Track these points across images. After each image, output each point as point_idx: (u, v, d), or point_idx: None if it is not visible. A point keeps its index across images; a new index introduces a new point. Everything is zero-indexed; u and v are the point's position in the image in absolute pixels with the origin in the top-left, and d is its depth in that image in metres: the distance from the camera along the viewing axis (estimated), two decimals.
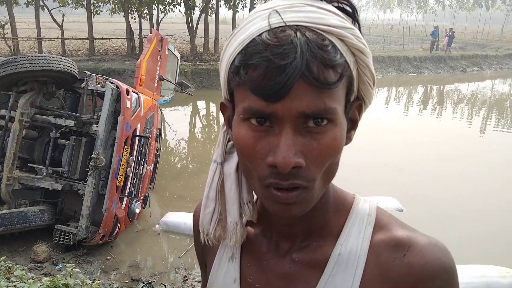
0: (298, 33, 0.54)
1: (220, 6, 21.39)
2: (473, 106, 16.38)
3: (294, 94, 0.54)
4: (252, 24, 0.59)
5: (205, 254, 0.84)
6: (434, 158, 9.12)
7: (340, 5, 0.62)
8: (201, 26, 20.77)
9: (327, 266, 0.69)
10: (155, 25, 20.06)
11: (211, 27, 21.22)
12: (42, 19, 18.77)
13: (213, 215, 0.73)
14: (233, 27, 22.20)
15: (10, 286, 2.52)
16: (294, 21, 0.56)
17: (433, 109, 15.63)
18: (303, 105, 0.55)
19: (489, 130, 12.54)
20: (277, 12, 0.57)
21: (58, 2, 18.75)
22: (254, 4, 22.97)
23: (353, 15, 0.62)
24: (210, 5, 21.15)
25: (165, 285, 4.45)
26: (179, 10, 20.73)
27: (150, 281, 4.54)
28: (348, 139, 0.67)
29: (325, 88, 0.55)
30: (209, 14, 21.35)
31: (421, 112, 15.00)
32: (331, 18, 0.58)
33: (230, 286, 0.76)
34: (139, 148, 5.29)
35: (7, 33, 17.71)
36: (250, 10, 22.54)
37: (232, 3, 20.56)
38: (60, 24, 18.45)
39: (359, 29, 0.62)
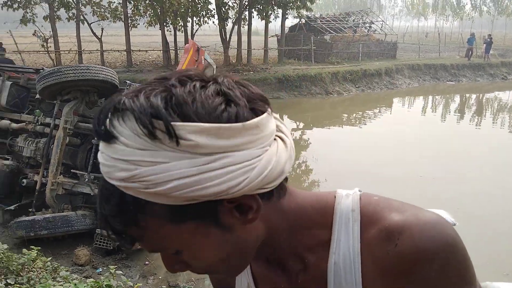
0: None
1: (253, 17, 21.63)
2: None
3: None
4: None
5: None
6: (474, 168, 8.83)
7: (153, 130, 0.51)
8: (234, 37, 21.05)
9: (328, 280, 0.67)
10: (189, 37, 20.49)
11: (244, 38, 21.47)
12: (83, 33, 19.56)
13: None
14: (266, 37, 22.44)
15: (56, 285, 2.62)
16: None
17: (471, 119, 15.16)
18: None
19: None
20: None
21: (98, 17, 19.50)
22: (287, 15, 23.13)
23: (168, 133, 0.51)
24: (243, 16, 21.43)
25: None
26: (213, 22, 21.12)
27: (187, 286, 4.58)
28: (249, 221, 0.61)
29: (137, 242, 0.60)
30: (242, 25, 21.62)
31: (459, 121, 14.58)
32: (116, 170, 0.53)
33: None
34: None
35: (50, 46, 18.53)
36: (282, 21, 22.70)
37: (264, 14, 20.76)
38: (99, 37, 19.17)
39: (177, 140, 0.51)
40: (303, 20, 24.57)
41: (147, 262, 5.06)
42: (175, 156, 0.51)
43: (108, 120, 0.53)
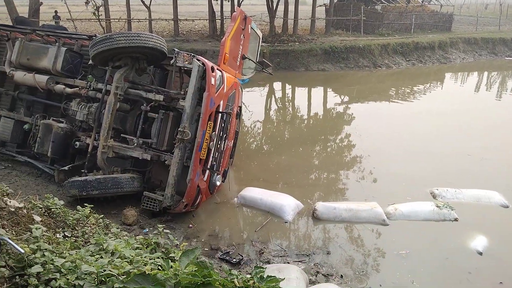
0: None
1: None
2: None
3: None
4: None
5: None
6: None
7: None
8: (281, 7, 20.66)
9: None
10: (236, 6, 20.31)
11: (291, 7, 21.03)
12: (132, 2, 19.88)
13: None
14: (313, 7, 21.84)
15: (108, 240, 2.78)
16: None
17: None
18: None
19: None
20: None
21: None
22: None
23: None
24: None
25: (242, 256, 4.61)
26: None
27: (228, 250, 4.73)
28: None
29: None
30: None
31: None
32: None
33: None
34: (221, 124, 5.47)
35: (101, 15, 19.01)
36: None
37: None
38: (148, 6, 19.42)
39: None
40: None
41: (190, 226, 5.25)
42: None
43: None
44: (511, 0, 40.22)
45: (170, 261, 2.10)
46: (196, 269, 1.92)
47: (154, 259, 2.40)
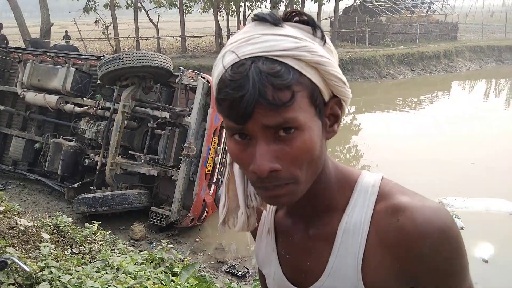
0: (253, 65, 0.64)
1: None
2: None
3: (256, 115, 0.64)
4: (219, 62, 0.69)
5: (253, 230, 0.96)
6: None
7: (300, 19, 0.70)
8: None
9: (337, 236, 0.77)
10: (241, 21, 20.61)
11: None
12: (140, 20, 20.28)
13: (223, 208, 0.86)
14: (318, 20, 22.06)
15: (114, 256, 2.87)
16: (250, 54, 0.65)
17: None
18: (264, 121, 0.64)
19: None
20: (232, 51, 0.66)
21: (154, 4, 20.11)
22: None
23: (312, 25, 0.70)
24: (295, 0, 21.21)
25: (248, 269, 4.67)
26: (265, 6, 21.09)
27: (234, 263, 4.79)
28: (331, 132, 0.75)
29: (281, 107, 0.64)
30: (294, 8, 21.38)
31: None
32: (284, 43, 0.66)
33: (271, 255, 0.90)
34: (226, 139, 5.56)
35: (110, 33, 19.42)
36: (336, 2, 22.18)
37: None
38: (156, 24, 19.79)
39: (323, 35, 0.71)
40: (358, 1, 23.87)
41: (197, 239, 5.33)
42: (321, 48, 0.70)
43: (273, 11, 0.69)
44: None
45: (171, 275, 2.18)
46: (197, 282, 2.00)
47: (157, 274, 2.48)
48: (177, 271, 2.86)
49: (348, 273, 0.75)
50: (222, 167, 5.59)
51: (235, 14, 20.85)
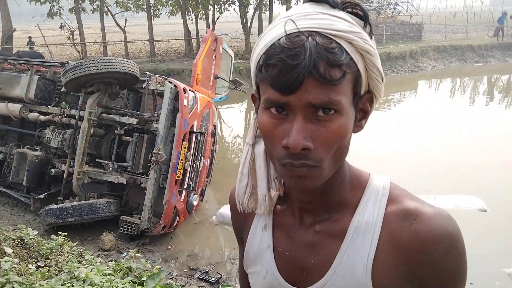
0: (309, 38, 0.65)
1: (274, 2, 21.49)
2: None
3: (303, 88, 0.65)
4: (274, 30, 0.70)
5: (242, 227, 0.96)
6: (498, 155, 8.64)
7: (353, 10, 0.72)
8: (256, 24, 20.98)
9: (347, 234, 0.78)
10: (211, 24, 20.57)
11: (266, 24, 21.37)
12: (107, 24, 19.93)
13: (246, 188, 0.86)
14: None
15: (81, 267, 2.81)
16: (307, 28, 0.67)
17: (501, 101, 14.73)
18: (310, 97, 0.65)
19: None
20: (292, 20, 0.68)
21: (121, 7, 19.81)
22: None
23: (364, 20, 0.72)
24: (263, 2, 21.31)
25: (221, 275, 4.65)
26: (234, 9, 21.10)
27: (207, 270, 4.76)
28: (359, 127, 0.78)
29: (329, 84, 0.65)
30: (263, 11, 21.51)
31: (488, 104, 14.19)
32: (341, 24, 0.68)
33: (264, 252, 0.88)
34: (196, 144, 5.54)
35: (76, 38, 18.99)
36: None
37: None
38: (123, 28, 19.49)
39: (371, 31, 0.73)
40: None
41: (169, 247, 5.27)
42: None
43: None
44: (478, 8, 41.64)
45: (139, 285, 2.15)
46: None
47: (124, 284, 2.44)
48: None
49: (355, 272, 0.76)
50: (193, 173, 5.56)
51: (203, 17, 20.76)
